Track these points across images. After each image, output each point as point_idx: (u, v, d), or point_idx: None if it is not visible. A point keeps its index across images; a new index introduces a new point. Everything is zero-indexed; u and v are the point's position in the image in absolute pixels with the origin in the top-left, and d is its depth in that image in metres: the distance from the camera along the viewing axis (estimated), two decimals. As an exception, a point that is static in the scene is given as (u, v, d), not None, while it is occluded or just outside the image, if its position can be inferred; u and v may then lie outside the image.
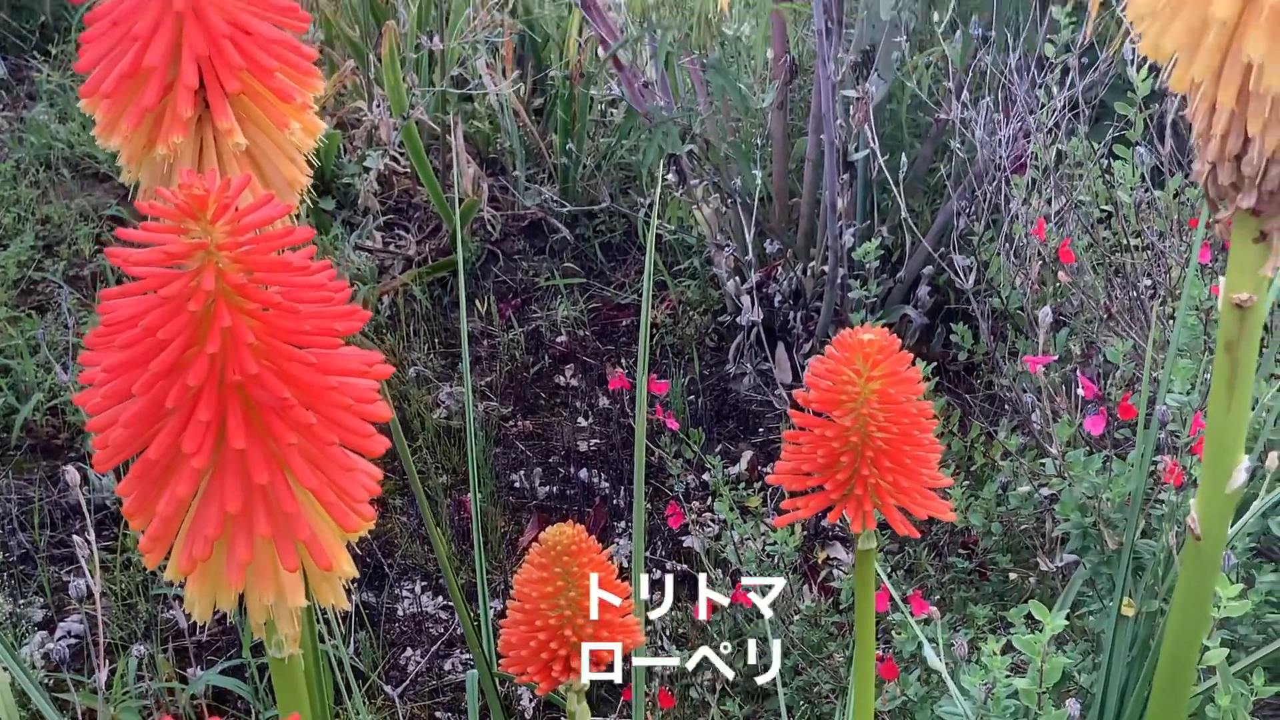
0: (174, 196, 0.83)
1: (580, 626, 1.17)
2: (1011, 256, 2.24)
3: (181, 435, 0.84)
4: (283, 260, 0.86)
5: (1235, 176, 0.78)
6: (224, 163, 1.02)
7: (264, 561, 0.89)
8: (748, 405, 3.12)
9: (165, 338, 0.83)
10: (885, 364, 1.16)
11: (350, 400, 0.88)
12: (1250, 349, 0.81)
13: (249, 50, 0.99)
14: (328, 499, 0.88)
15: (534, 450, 3.03)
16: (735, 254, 3.04)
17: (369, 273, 3.28)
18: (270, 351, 0.85)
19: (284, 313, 0.85)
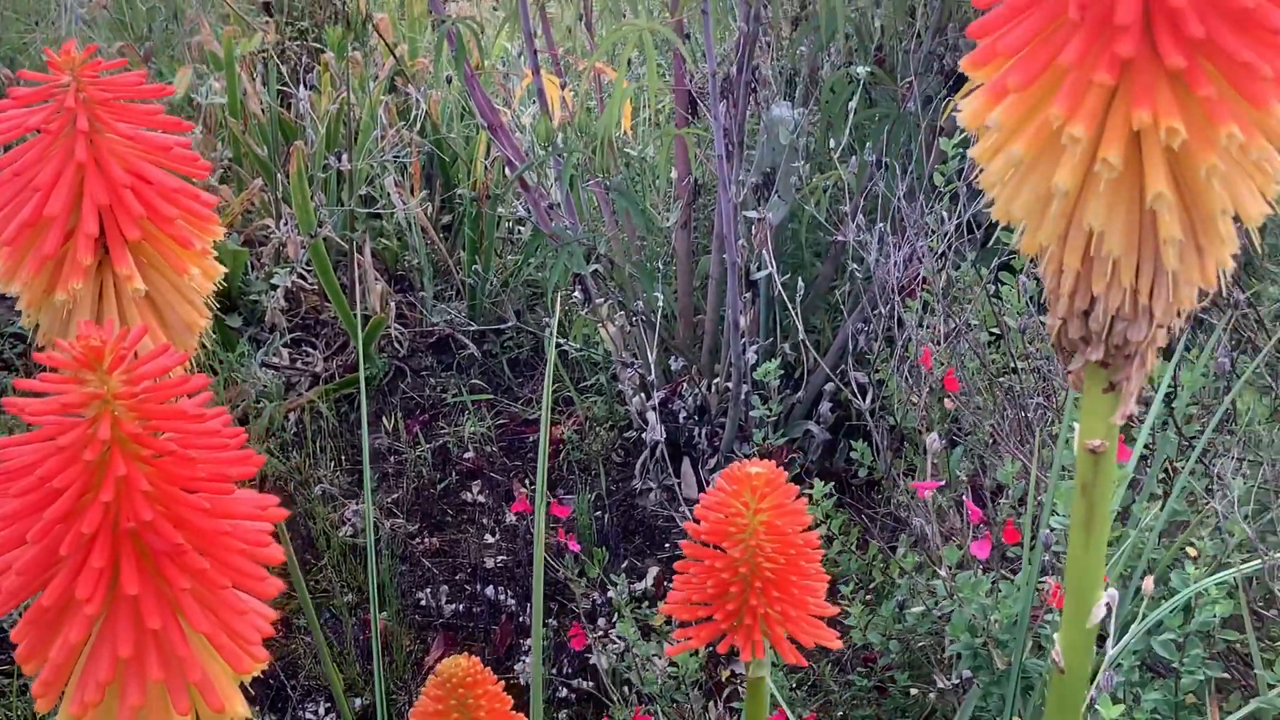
0: (71, 348, 0.85)
1: (475, 759, 1.19)
2: (906, 377, 2.30)
3: (75, 582, 0.85)
4: (178, 408, 0.88)
5: (1084, 331, 0.82)
6: (123, 307, 1.04)
7: (156, 705, 0.90)
8: (654, 521, 3.15)
9: (60, 486, 0.85)
10: (772, 497, 1.20)
11: (243, 544, 0.90)
12: (1105, 492, 0.85)
13: (149, 199, 1.01)
14: (220, 641, 0.89)
15: (440, 567, 3.03)
16: (640, 372, 3.09)
17: (275, 390, 3.28)
18: (164, 498, 0.87)
19: (178, 460, 0.87)
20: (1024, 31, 0.75)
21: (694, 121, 3.09)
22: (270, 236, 3.50)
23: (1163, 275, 0.78)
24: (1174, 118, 0.73)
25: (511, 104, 3.48)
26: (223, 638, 0.89)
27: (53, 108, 1.00)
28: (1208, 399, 2.03)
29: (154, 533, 0.87)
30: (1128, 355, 0.81)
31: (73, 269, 1.02)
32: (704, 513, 1.21)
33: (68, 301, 1.02)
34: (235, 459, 0.90)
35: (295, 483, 3.13)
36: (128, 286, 1.03)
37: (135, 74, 1.03)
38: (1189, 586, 1.59)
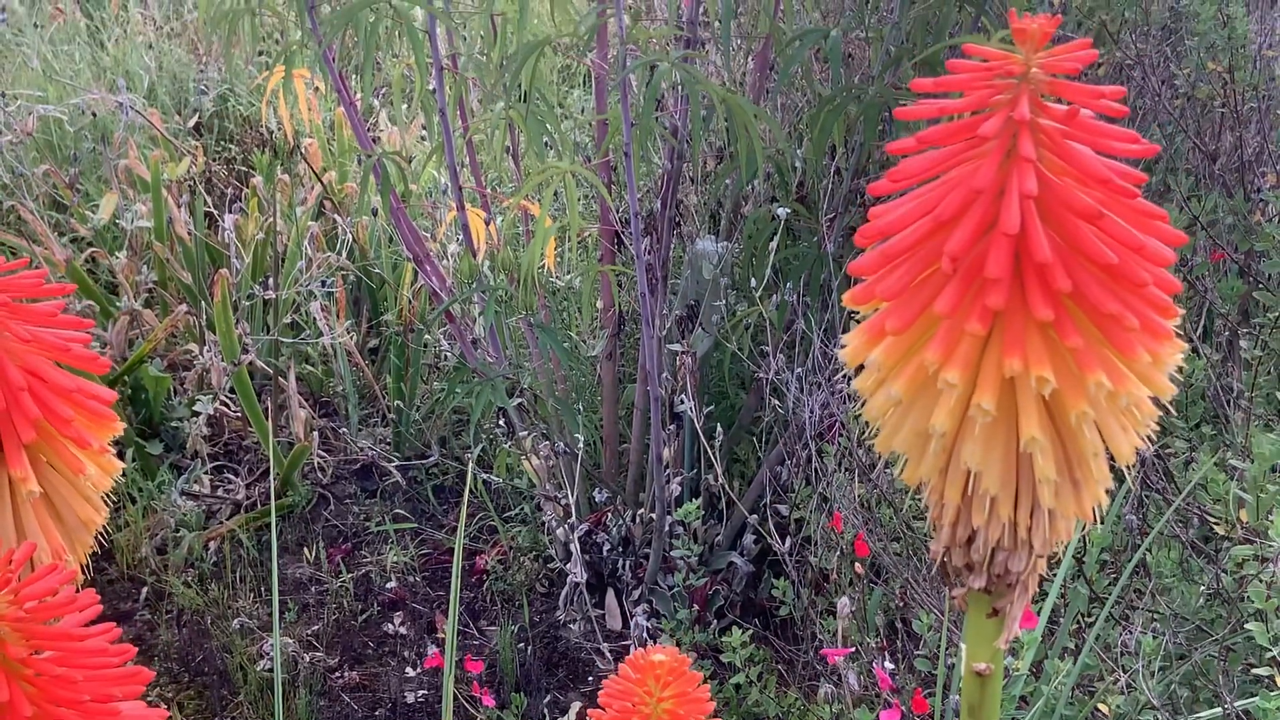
0: (-44, 570, 0.84)
1: None
2: (825, 519, 2.31)
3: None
4: (63, 629, 0.87)
5: (967, 559, 0.84)
6: (18, 507, 1.03)
7: None
8: (577, 653, 3.13)
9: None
10: (675, 685, 1.20)
11: (131, 765, 0.89)
12: (991, 713, 0.86)
13: (46, 400, 1.01)
14: None
15: (360, 703, 3.00)
16: (564, 504, 3.08)
17: (195, 519, 3.25)
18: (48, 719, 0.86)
19: (62, 682, 0.86)
20: (900, 277, 0.78)
21: (619, 254, 3.12)
22: (194, 362, 3.48)
23: (1040, 510, 0.80)
24: (1044, 367, 0.75)
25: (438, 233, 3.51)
26: None
27: (-51, 309, 1.00)
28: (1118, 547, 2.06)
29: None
30: (1010, 584, 0.83)
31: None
32: (608, 700, 1.21)
33: (-40, 503, 1.02)
34: (119, 676, 0.90)
35: (213, 615, 3.09)
36: (22, 489, 1.02)
37: (35, 274, 1.03)
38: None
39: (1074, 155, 0.77)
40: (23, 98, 4.24)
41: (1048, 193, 0.76)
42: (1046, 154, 0.77)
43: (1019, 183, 0.75)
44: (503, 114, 2.66)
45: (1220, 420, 2.12)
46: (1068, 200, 0.76)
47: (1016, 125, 0.76)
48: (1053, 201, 0.76)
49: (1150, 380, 0.78)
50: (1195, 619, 1.90)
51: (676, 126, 2.79)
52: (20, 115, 3.94)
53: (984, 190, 0.76)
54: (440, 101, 2.72)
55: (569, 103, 4.60)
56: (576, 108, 4.57)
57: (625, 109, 2.52)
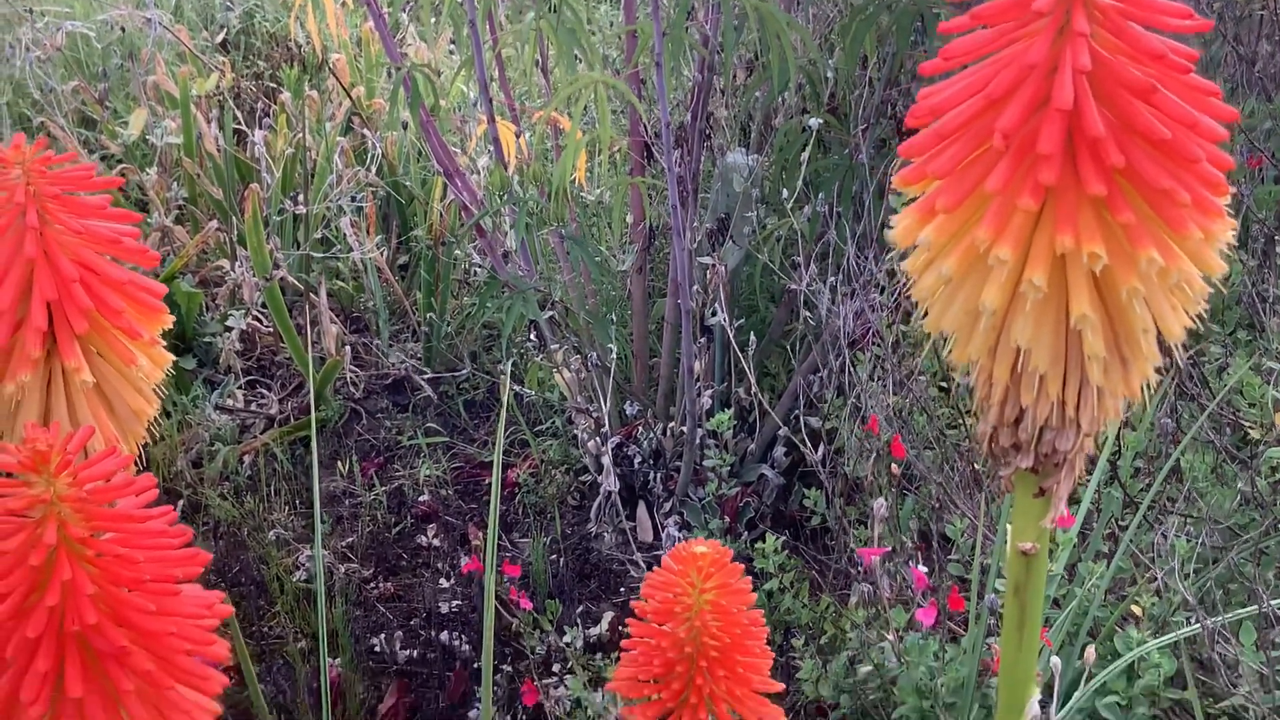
0: (17, 451, 0.86)
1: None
2: (857, 429, 2.32)
3: (20, 685, 0.86)
4: (122, 510, 0.89)
5: (1014, 439, 0.85)
6: (71, 397, 1.05)
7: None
8: (609, 565, 3.16)
9: (5, 590, 0.85)
10: (717, 576, 1.21)
11: (188, 643, 0.90)
12: (1037, 593, 0.87)
13: (98, 291, 1.02)
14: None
15: (395, 612, 3.03)
16: (595, 417, 3.10)
17: (229, 433, 3.28)
18: (109, 600, 0.88)
19: (123, 562, 0.88)
20: (952, 155, 0.78)
21: (649, 167, 3.11)
22: (225, 278, 3.50)
23: (1089, 388, 0.80)
24: (1096, 243, 0.75)
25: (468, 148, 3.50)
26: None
27: (2, 201, 1.01)
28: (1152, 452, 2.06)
29: (99, 635, 0.87)
30: (1057, 463, 0.84)
31: (21, 361, 1.02)
32: (650, 591, 1.23)
33: (16, 393, 1.03)
34: (179, 558, 0.91)
35: (249, 527, 3.13)
36: (76, 378, 1.03)
37: (85, 166, 1.03)
38: (1133, 650, 1.61)
39: (1127, 31, 0.77)
40: (50, 14, 4.23)
41: (1101, 68, 0.76)
42: (1099, 30, 0.77)
43: (1072, 58, 0.74)
44: (532, 25, 2.65)
45: (1255, 326, 2.12)
46: (1121, 76, 0.76)
47: (1070, 1, 0.76)
48: (1105, 77, 0.76)
49: (1201, 257, 0.78)
50: (1228, 523, 1.90)
51: (707, 37, 2.77)
52: (48, 31, 3.93)
53: (1036, 66, 0.76)
54: (470, 12, 2.71)
55: (596, 18, 4.57)
56: (604, 22, 4.53)
57: (656, 19, 2.51)
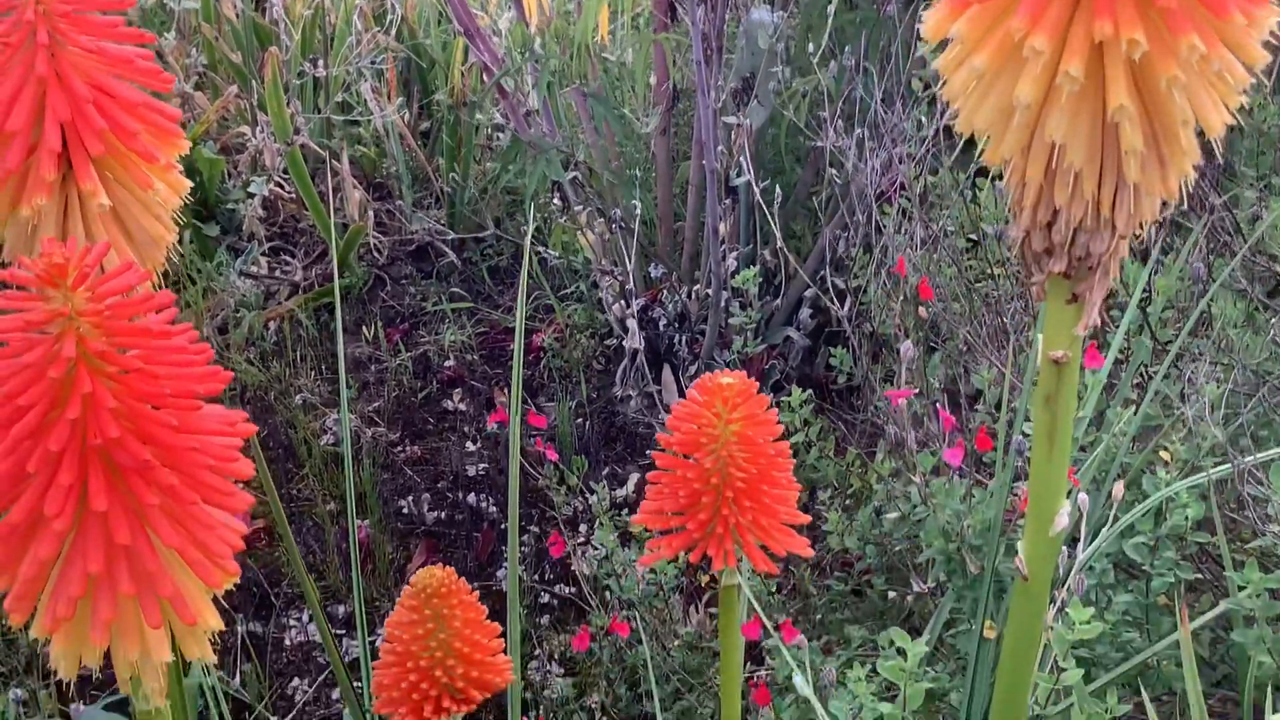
0: (35, 264, 0.85)
1: (451, 667, 1.20)
2: (884, 283, 2.30)
3: (43, 499, 0.86)
4: (143, 325, 0.88)
5: (1047, 243, 0.83)
6: (88, 223, 1.04)
7: (128, 619, 0.91)
8: (635, 428, 3.16)
9: (26, 404, 0.85)
10: (744, 407, 1.20)
11: (212, 460, 0.90)
12: (1068, 402, 0.86)
13: (112, 113, 1.01)
14: (191, 556, 0.90)
15: (422, 475, 3.05)
16: (620, 279, 3.08)
17: (254, 299, 3.27)
18: (131, 415, 0.87)
19: (144, 377, 0.87)
20: (987, -58, 0.75)
21: (673, 26, 3.06)
22: (246, 144, 3.47)
23: (1125, 187, 0.78)
24: (1135, 29, 0.73)
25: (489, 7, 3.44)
26: (193, 552, 0.90)
27: (11, 20, 0.99)
28: (1183, 303, 2.04)
29: (122, 449, 0.87)
30: (1090, 267, 0.82)
31: (36, 184, 1.01)
32: (676, 423, 1.22)
33: (32, 217, 1.02)
34: (202, 375, 0.91)
35: (275, 392, 3.14)
36: (92, 202, 1.02)
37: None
38: (1160, 490, 1.60)
39: None
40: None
41: None
42: None
43: None
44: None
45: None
46: None
47: None
48: None
49: (1243, 45, 0.76)
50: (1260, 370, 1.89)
51: (731, -113, 2.71)
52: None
53: None
54: None
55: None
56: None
57: None
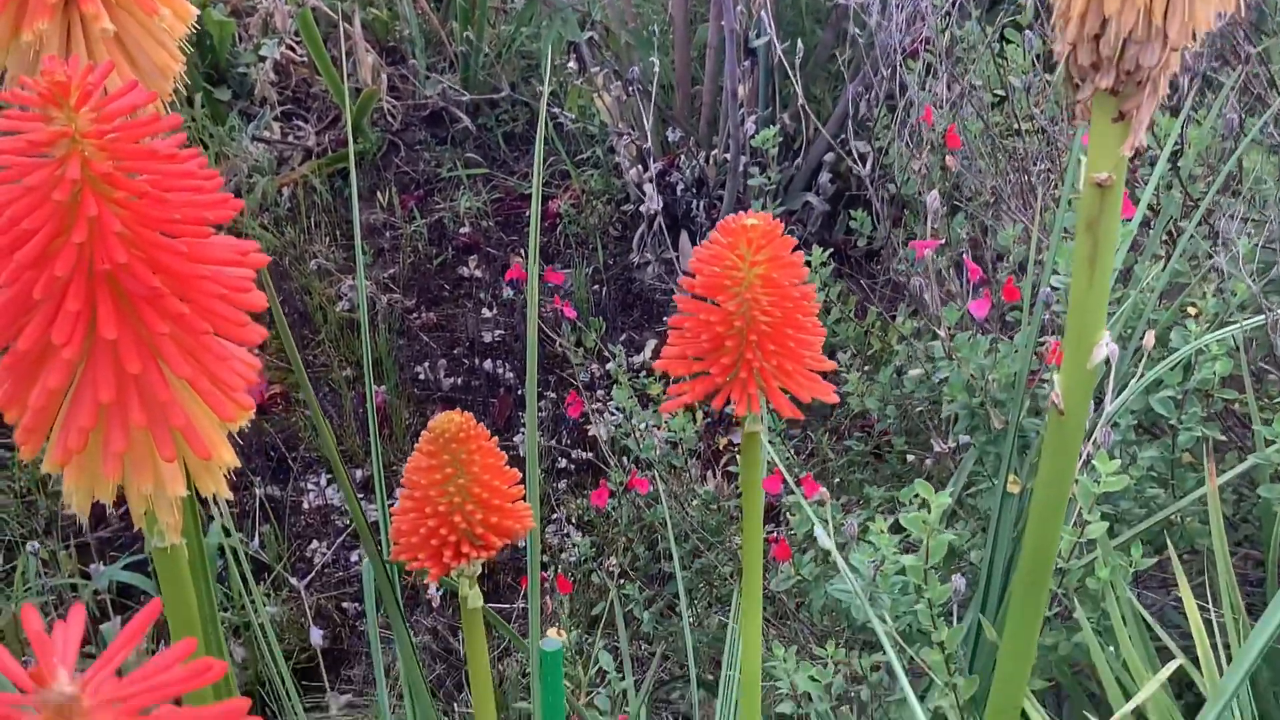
0: (36, 84, 0.81)
1: (470, 513, 1.18)
2: (908, 141, 2.25)
3: (51, 326, 0.83)
4: (150, 148, 0.85)
5: (1094, 57, 0.79)
6: (92, 49, 1.00)
7: (141, 452, 0.89)
8: (652, 294, 3.13)
9: (31, 227, 0.82)
10: (769, 249, 1.17)
11: (223, 289, 0.87)
12: (1111, 227, 0.83)
13: (113, -68, 0.97)
14: (203, 388, 0.88)
15: (438, 342, 3.03)
16: (637, 142, 3.03)
17: (267, 164, 3.23)
18: (139, 241, 0.84)
19: (152, 201, 0.84)
20: None
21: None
22: (257, 6, 3.41)
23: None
24: None
25: None
26: (205, 383, 0.88)
27: None
28: (1213, 159, 1.99)
29: (130, 276, 0.84)
30: (1139, 82, 0.78)
31: (39, 7, 0.97)
32: (699, 266, 1.18)
33: (34, 43, 0.98)
34: (212, 202, 0.87)
35: (290, 257, 3.11)
36: (95, 26, 0.98)
37: None
38: (1190, 343, 1.57)
39: None
40: None
41: None
42: None
43: None
44: None
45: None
46: None
47: None
48: None
49: None
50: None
51: None
52: None
53: None
54: None
55: None
56: None
57: None
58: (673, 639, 2.03)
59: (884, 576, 1.55)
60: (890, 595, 1.56)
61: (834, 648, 1.65)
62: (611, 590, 2.01)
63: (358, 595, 2.48)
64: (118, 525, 2.50)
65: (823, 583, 1.79)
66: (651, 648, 2.17)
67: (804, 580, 1.80)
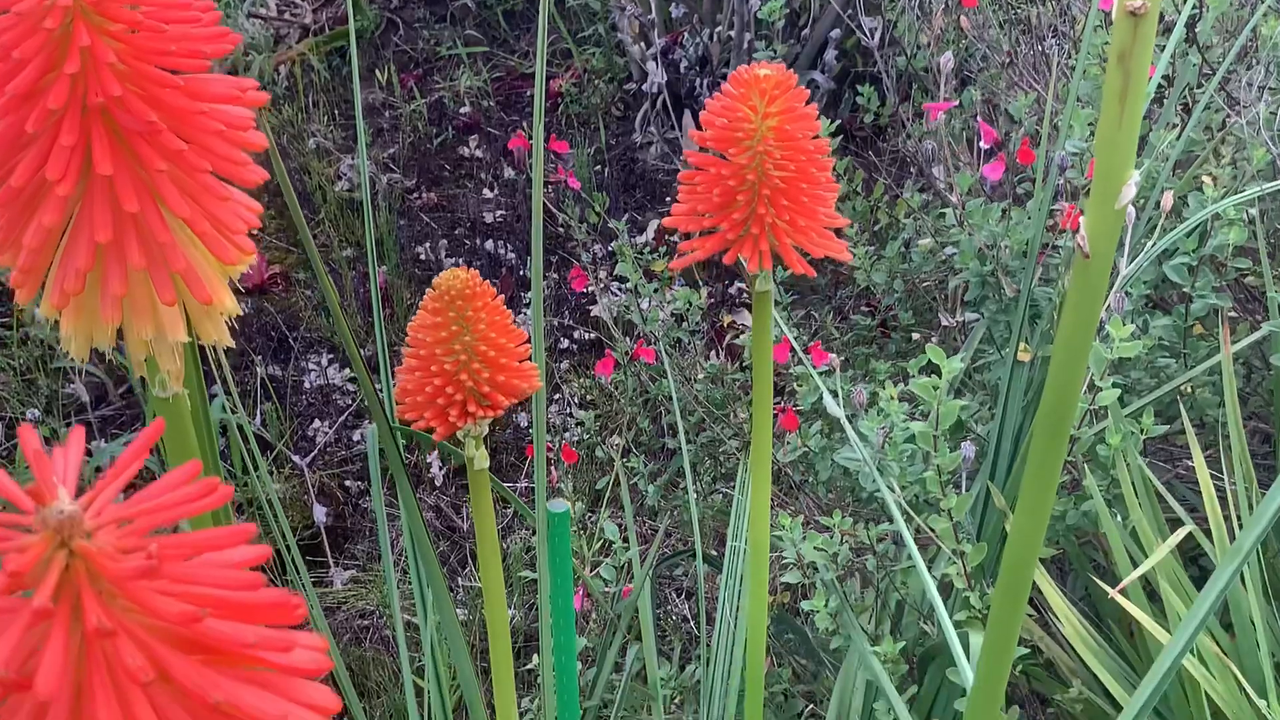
0: (22, -93, 0.78)
1: (476, 371, 1.16)
2: (918, 12, 2.21)
3: (45, 162, 0.81)
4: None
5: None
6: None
7: (140, 296, 0.87)
8: (655, 174, 3.10)
9: (22, 57, 0.79)
10: (782, 100, 1.14)
11: (222, 125, 0.84)
12: (1143, 59, 0.80)
13: None
14: (203, 229, 0.85)
15: (439, 222, 3.00)
16: (640, 17, 2.98)
17: (264, 41, 3.18)
18: (134, 75, 0.82)
19: (148, 32, 0.81)
20: None
21: None
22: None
23: None
24: None
25: None
26: (205, 225, 0.85)
27: None
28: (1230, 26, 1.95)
29: (125, 110, 0.81)
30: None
31: None
32: (710, 118, 1.15)
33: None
34: (209, 35, 0.84)
35: (288, 136, 3.07)
36: None
37: None
38: (1206, 208, 1.55)
39: None
40: None
41: None
42: None
43: None
44: None
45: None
46: None
47: None
48: None
49: None
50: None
51: None
52: None
53: None
54: None
55: None
56: None
57: None
58: (677, 512, 2.03)
59: (892, 444, 1.53)
60: (898, 464, 1.55)
61: (840, 518, 1.64)
62: (617, 462, 2.00)
63: (360, 474, 2.47)
64: (119, 404, 2.49)
65: (829, 455, 1.78)
66: (655, 523, 2.17)
67: (810, 452, 1.79)
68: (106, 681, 0.53)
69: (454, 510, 2.41)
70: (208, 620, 0.54)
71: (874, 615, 1.67)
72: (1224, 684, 1.41)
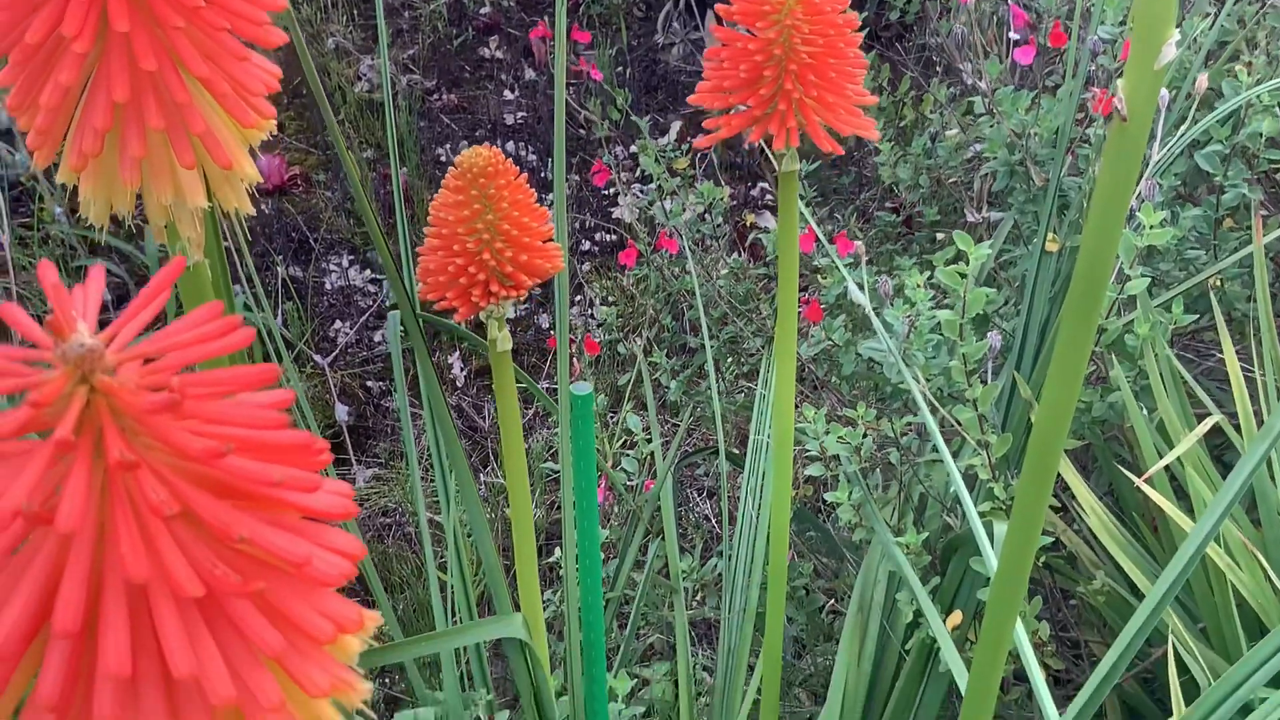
0: None
1: (499, 250, 1.15)
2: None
3: (62, 17, 0.79)
4: None
5: None
6: None
7: (159, 159, 0.85)
8: (677, 76, 3.06)
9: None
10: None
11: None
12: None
13: None
14: (221, 91, 0.84)
15: (459, 124, 2.97)
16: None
17: (281, -59, 3.14)
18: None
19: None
20: None
21: None
22: None
23: None
24: None
25: None
26: (224, 86, 0.84)
27: None
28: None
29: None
30: None
31: None
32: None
33: None
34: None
35: (306, 35, 3.04)
36: None
37: None
38: (1240, 95, 1.52)
39: None
40: None
41: None
42: None
43: None
44: None
45: None
46: None
47: None
48: None
49: None
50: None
51: None
52: None
53: None
54: None
55: None
56: None
57: None
58: (699, 408, 2.02)
59: (918, 333, 1.52)
60: (924, 354, 1.53)
61: (864, 409, 1.63)
62: (639, 358, 1.99)
63: (381, 374, 2.47)
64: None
65: (853, 349, 1.77)
66: (677, 420, 2.17)
67: (834, 345, 1.78)
68: (130, 516, 0.52)
69: (475, 411, 2.41)
70: (231, 457, 0.53)
71: (897, 508, 1.67)
72: (1250, 574, 1.41)
